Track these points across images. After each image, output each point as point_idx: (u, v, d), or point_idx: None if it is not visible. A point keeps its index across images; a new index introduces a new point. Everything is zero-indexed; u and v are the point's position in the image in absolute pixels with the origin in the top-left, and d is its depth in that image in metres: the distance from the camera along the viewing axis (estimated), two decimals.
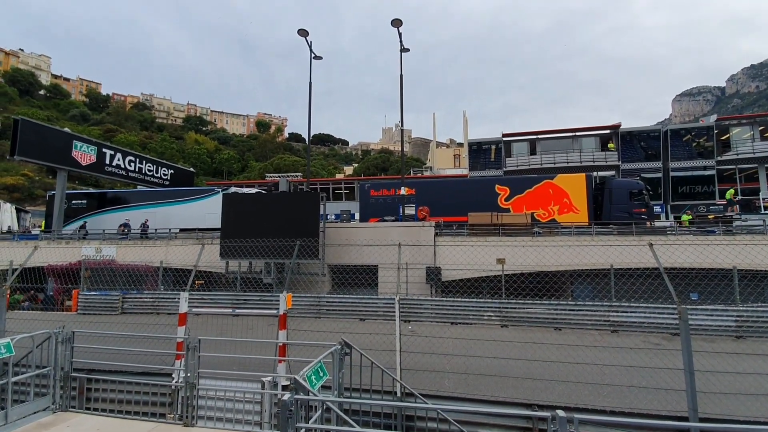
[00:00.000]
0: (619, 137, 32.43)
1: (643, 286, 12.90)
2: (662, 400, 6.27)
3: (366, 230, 18.99)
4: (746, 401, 6.47)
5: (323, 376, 5.04)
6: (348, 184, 38.99)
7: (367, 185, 25.20)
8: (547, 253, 16.02)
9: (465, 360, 7.72)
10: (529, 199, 21.60)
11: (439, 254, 17.78)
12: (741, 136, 31.17)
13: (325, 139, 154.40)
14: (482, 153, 36.86)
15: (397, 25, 20.78)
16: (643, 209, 20.26)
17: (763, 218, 21.92)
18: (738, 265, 13.64)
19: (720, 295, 13.21)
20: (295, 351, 9.05)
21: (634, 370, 6.99)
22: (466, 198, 22.28)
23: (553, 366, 7.74)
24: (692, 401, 5.26)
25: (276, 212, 17.47)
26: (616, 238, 16.34)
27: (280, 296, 7.40)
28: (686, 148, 31.63)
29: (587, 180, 21.36)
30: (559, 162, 32.88)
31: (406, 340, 8.22)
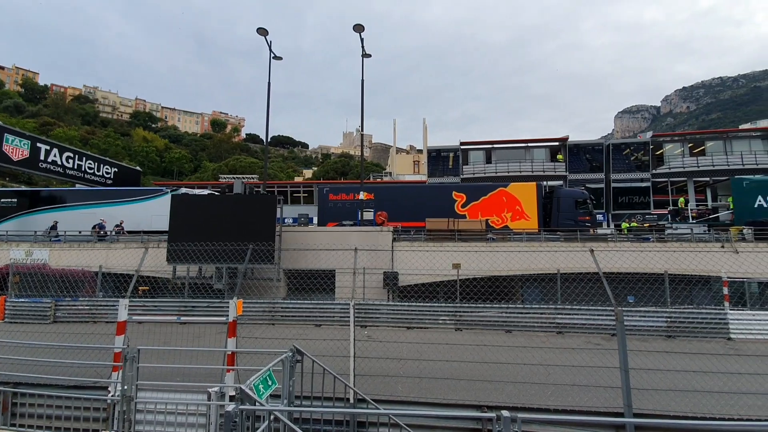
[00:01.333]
0: (566, 149, 34.39)
1: (587, 289, 13.68)
2: (601, 397, 6.63)
3: (324, 234, 18.76)
4: (675, 397, 6.99)
5: (272, 384, 4.87)
6: (307, 188, 38.43)
7: (326, 189, 24.95)
8: (500, 258, 16.61)
9: (419, 364, 7.79)
10: (484, 206, 22.31)
11: (396, 259, 17.89)
12: (673, 152, 34.09)
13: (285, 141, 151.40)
14: (441, 160, 37.70)
15: (359, 31, 20.84)
16: (588, 217, 21.55)
17: (691, 227, 24.04)
18: (669, 269, 14.83)
19: (653, 297, 14.30)
20: (245, 359, 8.71)
21: (576, 369, 7.36)
22: (424, 204, 22.65)
23: (503, 367, 7.98)
24: (627, 398, 5.61)
25: (230, 215, 16.84)
26: (562, 245, 17.25)
27: (230, 302, 7.10)
28: (626, 161, 34.12)
29: (538, 189, 22.43)
30: (512, 171, 34.28)
31: (361, 345, 8.16)
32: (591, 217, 21.88)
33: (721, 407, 6.57)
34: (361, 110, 21.86)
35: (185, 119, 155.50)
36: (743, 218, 19.75)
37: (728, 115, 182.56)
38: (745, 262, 15.22)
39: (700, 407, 6.59)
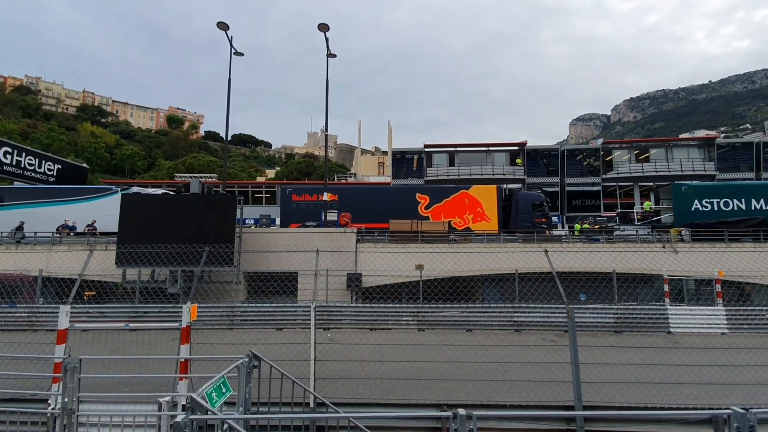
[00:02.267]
0: (525, 154, 35.76)
1: (543, 288, 14.26)
2: (554, 392, 6.92)
3: (286, 236, 18.40)
4: (622, 388, 7.42)
5: (226, 392, 4.70)
6: (269, 188, 37.58)
7: (289, 189, 24.52)
8: (462, 259, 16.98)
9: (381, 365, 7.79)
10: (447, 208, 22.75)
11: (360, 260, 17.85)
12: (621, 158, 36.32)
13: (246, 140, 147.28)
14: (405, 162, 38.07)
15: (324, 30, 20.66)
16: (544, 219, 22.52)
17: (636, 228, 25.67)
18: (617, 269, 15.75)
19: (602, 295, 15.15)
20: (201, 367, 8.36)
21: (532, 365, 7.64)
22: (389, 205, 22.78)
23: (463, 366, 8.13)
24: (577, 391, 5.89)
25: (186, 216, 16.14)
26: (520, 245, 17.89)
27: (183, 307, 6.79)
28: (579, 166, 35.96)
29: (498, 192, 23.18)
30: (474, 174, 35.19)
31: (323, 348, 8.05)
32: (547, 219, 22.88)
33: (662, 397, 7.04)
34: (325, 110, 21.66)
35: (139, 114, 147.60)
36: (682, 221, 21.34)
37: (670, 125, 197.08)
38: (683, 261, 16.43)
39: (644, 397, 7.03)
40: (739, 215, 20.59)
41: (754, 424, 2.98)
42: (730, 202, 21.72)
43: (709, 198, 21.99)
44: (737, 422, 3.04)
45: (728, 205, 21.64)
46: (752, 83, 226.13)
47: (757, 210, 21.11)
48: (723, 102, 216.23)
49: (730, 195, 21.98)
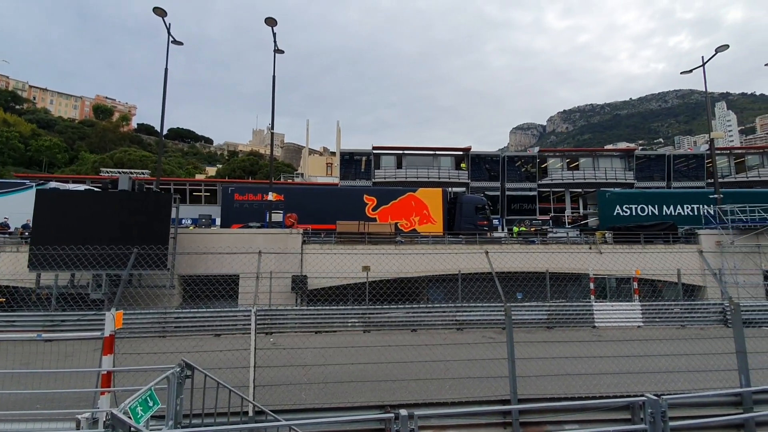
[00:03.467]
0: (469, 159, 37.19)
1: (483, 288, 14.87)
2: (492, 387, 7.21)
3: (227, 237, 17.56)
4: (552, 381, 7.91)
5: (154, 405, 4.34)
6: (209, 186, 35.65)
7: (231, 188, 23.45)
8: (408, 260, 17.23)
9: (325, 369, 7.66)
10: (394, 210, 22.99)
11: (306, 262, 17.49)
12: (555, 166, 39.00)
13: (185, 135, 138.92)
14: (354, 163, 37.98)
15: (272, 25, 20.02)
16: (486, 222, 23.52)
17: (567, 231, 27.66)
18: (550, 268, 16.86)
19: (537, 293, 16.14)
20: (127, 379, 7.70)
21: (472, 362, 7.92)
22: (336, 206, 22.56)
23: (407, 366, 8.23)
24: (513, 385, 6.18)
25: (114, 215, 14.83)
26: (463, 247, 18.54)
27: (106, 315, 6.20)
28: (518, 172, 38.08)
29: (444, 194, 23.84)
30: (421, 177, 35.97)
31: (264, 354, 7.75)
32: (488, 222, 23.92)
33: (587, 386, 7.60)
34: (272, 107, 20.98)
35: (60, 102, 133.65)
36: (606, 224, 23.36)
37: (596, 136, 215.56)
38: (606, 261, 17.96)
39: (571, 388, 7.55)
40: (653, 220, 22.96)
41: (665, 409, 3.29)
42: (646, 208, 24.16)
43: (629, 204, 24.31)
44: (651, 408, 3.34)
45: (644, 210, 24.06)
46: (665, 102, 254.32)
47: (667, 215, 23.67)
48: (641, 118, 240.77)
49: (646, 201, 24.46)
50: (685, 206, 24.27)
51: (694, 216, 23.64)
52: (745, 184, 34.88)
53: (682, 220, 23.08)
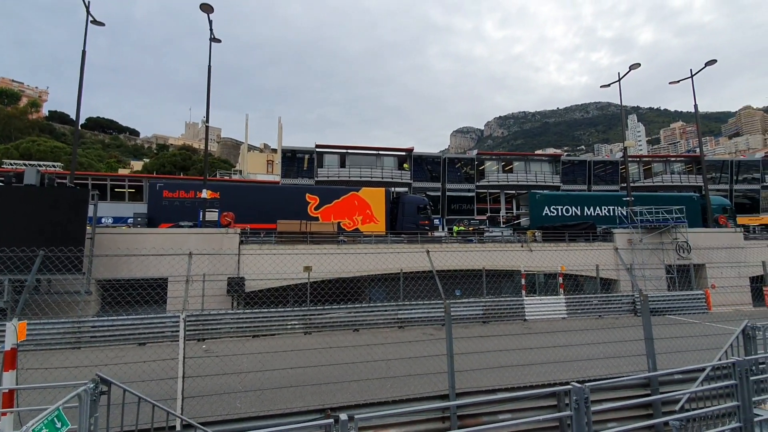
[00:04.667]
0: (412, 159, 37.91)
1: (424, 286, 15.22)
2: (432, 383, 7.37)
3: (155, 237, 16.24)
4: (488, 373, 8.27)
5: (62, 426, 3.84)
6: (134, 182, 32.72)
7: (160, 184, 21.75)
8: (350, 260, 17.10)
9: (263, 375, 7.34)
10: (336, 209, 22.75)
11: (243, 263, 16.70)
12: (491, 169, 41.03)
13: (107, 125, 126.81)
14: (296, 161, 37.05)
15: (208, 11, 18.85)
16: (427, 221, 24.11)
17: (502, 230, 29.23)
18: (486, 266, 17.69)
19: (474, 290, 16.85)
20: (33, 397, 6.83)
21: (413, 360, 8.04)
22: (277, 205, 21.84)
23: (349, 367, 8.15)
24: (451, 380, 6.35)
25: (18, 212, 13.09)
26: (405, 246, 18.82)
27: (7, 326, 5.41)
28: (458, 173, 39.53)
29: (386, 194, 24.05)
30: (364, 176, 35.99)
31: (195, 363, 7.24)
32: (429, 222, 24.54)
33: (519, 377, 8.03)
34: (207, 98, 19.73)
35: None
36: (536, 224, 25.02)
37: (528, 142, 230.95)
38: (536, 258, 19.22)
39: (505, 379, 7.93)
40: (576, 220, 25.00)
41: (588, 395, 3.55)
42: (570, 209, 26.25)
43: (555, 205, 26.25)
44: (575, 395, 3.58)
45: (569, 211, 26.12)
46: (587, 113, 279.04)
47: (588, 216, 25.89)
48: (566, 126, 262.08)
49: (570, 203, 26.57)
50: (603, 208, 26.74)
51: (610, 216, 26.12)
52: (652, 189, 39.26)
53: (600, 220, 25.40)
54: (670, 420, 4.23)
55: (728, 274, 19.91)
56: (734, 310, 18.34)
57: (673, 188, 39.79)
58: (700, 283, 20.37)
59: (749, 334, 6.09)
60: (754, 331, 6.12)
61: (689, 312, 17.68)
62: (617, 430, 3.49)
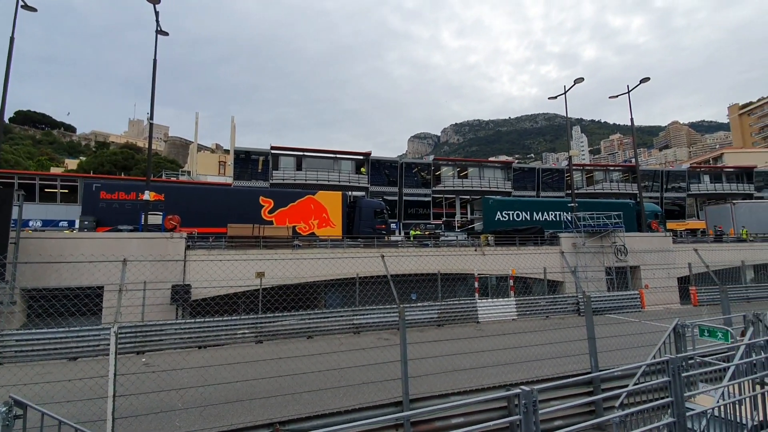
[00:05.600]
0: (369, 163, 37.93)
1: (381, 290, 15.15)
2: (386, 389, 7.27)
3: (90, 242, 14.97)
4: (442, 377, 8.33)
5: None
6: (68, 182, 30.06)
7: (97, 185, 20.14)
8: (306, 265, 16.72)
9: (205, 390, 6.89)
10: (292, 213, 22.19)
11: (190, 270, 15.79)
12: (447, 174, 41.97)
13: (38, 119, 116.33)
14: (250, 163, 35.84)
15: (153, 1, 17.79)
16: (384, 226, 24.13)
17: (456, 235, 29.90)
18: (441, 270, 17.95)
19: (429, 293, 17.04)
20: None
21: (368, 367, 7.90)
22: (228, 208, 20.93)
23: (301, 377, 7.86)
24: (405, 386, 6.28)
25: None
26: (361, 251, 18.69)
27: None
28: (415, 178, 40.04)
29: (343, 198, 23.81)
30: (321, 180, 35.50)
31: (128, 379, 6.67)
32: (386, 226, 24.59)
33: (472, 379, 8.14)
34: (152, 93, 18.53)
35: None
36: (489, 228, 25.83)
37: (482, 149, 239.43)
38: (489, 261, 19.82)
39: (458, 382, 8.00)
40: (526, 224, 26.10)
41: (536, 398, 3.59)
42: (521, 214, 27.37)
43: (507, 210, 27.27)
44: (524, 399, 3.61)
45: (519, 216, 27.22)
46: (536, 122, 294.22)
47: (537, 221, 27.12)
48: (517, 135, 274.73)
49: (521, 208, 27.72)
50: (550, 213, 28.15)
51: (556, 221, 27.54)
52: (593, 195, 41.93)
53: (548, 224, 26.70)
54: (611, 418, 4.41)
55: (659, 275, 21.59)
56: (664, 309, 19.92)
57: (612, 195, 42.76)
58: (635, 284, 21.92)
59: (679, 332, 6.54)
60: (683, 329, 6.59)
61: (626, 311, 18.98)
62: (565, 431, 3.55)
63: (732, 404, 4.53)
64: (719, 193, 47.55)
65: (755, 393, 4.68)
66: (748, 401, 4.63)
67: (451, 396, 7.26)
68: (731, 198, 44.41)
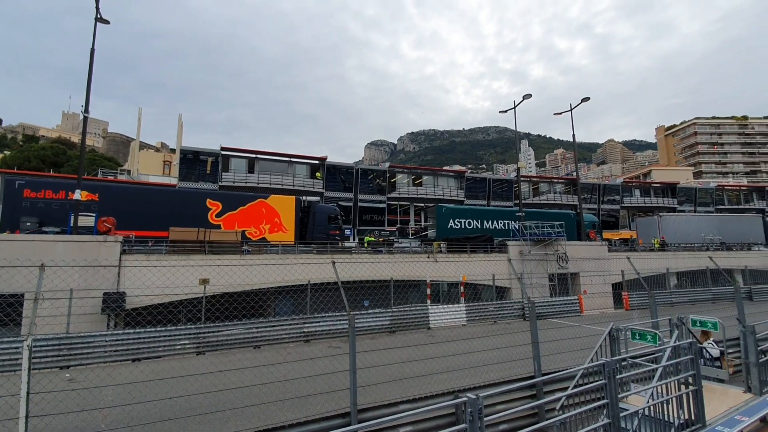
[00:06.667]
0: (325, 168, 37.48)
1: (333, 297, 14.88)
2: (334, 400, 7.07)
3: (9, 245, 13.45)
4: (392, 386, 8.24)
5: None
6: None
7: (20, 181, 18.20)
8: (255, 271, 16.05)
9: (134, 409, 6.31)
10: (241, 217, 21.31)
11: (126, 276, 14.61)
12: (402, 181, 42.45)
13: None
14: (198, 163, 34.13)
15: None
16: (338, 231, 23.84)
17: (410, 241, 30.21)
18: (394, 276, 17.98)
19: (382, 300, 16.97)
20: None
21: (317, 377, 7.65)
22: (171, 211, 19.70)
23: (242, 391, 7.42)
24: (353, 396, 6.13)
25: None
26: (314, 257, 18.30)
27: None
28: (370, 185, 40.10)
29: (297, 203, 23.24)
30: (274, 183, 34.53)
31: (44, 399, 5.95)
32: (341, 232, 24.31)
33: (423, 386, 8.13)
34: (87, 83, 17.05)
35: None
36: (441, 235, 26.35)
37: (437, 158, 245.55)
38: (441, 268, 20.16)
39: (408, 390, 7.95)
40: (477, 232, 26.92)
41: (482, 406, 3.61)
42: (472, 222, 28.21)
43: (459, 218, 28.00)
44: (470, 407, 3.61)
45: (470, 224, 28.04)
46: (488, 135, 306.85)
47: (487, 228, 28.07)
48: (470, 146, 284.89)
49: (472, 216, 28.59)
50: (499, 221, 29.27)
51: (505, 230, 28.67)
52: (539, 206, 44.22)
53: (497, 233, 27.72)
54: (552, 422, 4.54)
55: (596, 281, 23.06)
56: (600, 313, 21.28)
57: (555, 206, 45.36)
58: (575, 290, 23.25)
59: (614, 335, 6.94)
60: (617, 332, 6.99)
61: (567, 315, 20.05)
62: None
63: (660, 404, 4.83)
64: (648, 206, 51.96)
65: (680, 393, 5.03)
66: (674, 400, 4.96)
67: (401, 404, 7.19)
68: (658, 211, 48.70)
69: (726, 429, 4.69)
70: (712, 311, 17.75)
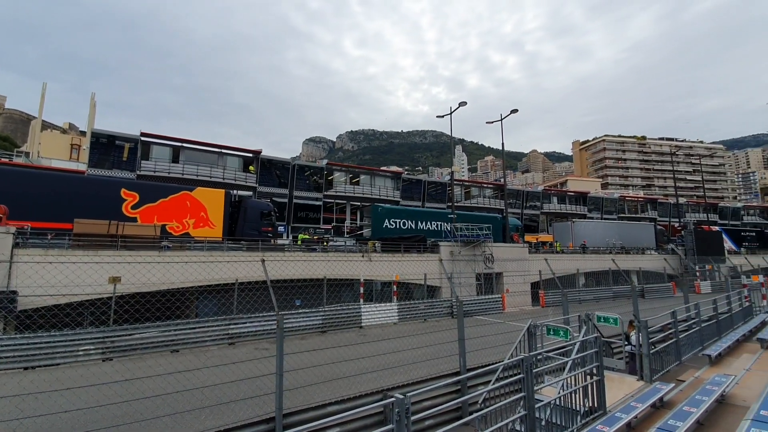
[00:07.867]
0: (259, 162, 35.90)
1: (262, 297, 14.25)
2: (259, 405, 6.73)
3: None
4: (321, 387, 8.06)
5: None
6: None
7: None
8: (176, 269, 14.83)
9: (21, 424, 5.46)
10: (162, 209, 19.61)
11: (19, 273, 12.70)
12: (340, 180, 42.09)
13: None
14: (113, 149, 30.84)
15: None
16: (270, 228, 22.94)
17: (345, 240, 30.06)
18: (328, 275, 17.73)
19: (315, 299, 16.65)
20: None
21: (238, 383, 7.24)
22: (78, 200, 17.54)
23: (152, 401, 6.79)
24: (279, 401, 5.88)
25: None
26: (243, 254, 17.42)
27: None
28: (307, 181, 39.20)
29: (226, 197, 21.92)
30: (202, 175, 32.34)
31: None
32: (273, 229, 23.42)
33: (354, 386, 8.06)
34: None
35: None
36: (377, 235, 26.55)
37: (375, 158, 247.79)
38: (375, 267, 20.29)
39: (338, 391, 7.84)
40: (411, 232, 27.54)
41: (409, 406, 3.62)
42: (407, 222, 28.80)
43: (395, 218, 28.44)
44: (398, 407, 3.61)
45: (405, 224, 28.61)
46: (425, 138, 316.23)
47: (421, 229, 28.85)
48: (408, 148, 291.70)
49: (407, 217, 29.19)
50: (433, 222, 30.25)
51: (437, 230, 29.68)
52: (469, 209, 46.47)
53: (430, 233, 28.60)
54: (473, 417, 4.72)
55: (517, 280, 24.78)
56: (520, 310, 22.92)
57: (485, 209, 48.00)
58: (498, 289, 24.76)
59: (532, 331, 7.44)
60: (534, 328, 7.50)
61: (491, 312, 21.28)
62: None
63: (569, 394, 5.26)
64: (563, 212, 57.05)
65: (585, 384, 5.51)
66: (580, 390, 5.42)
67: (329, 406, 7.07)
68: (571, 217, 53.70)
69: (623, 415, 5.24)
70: (613, 308, 19.94)
